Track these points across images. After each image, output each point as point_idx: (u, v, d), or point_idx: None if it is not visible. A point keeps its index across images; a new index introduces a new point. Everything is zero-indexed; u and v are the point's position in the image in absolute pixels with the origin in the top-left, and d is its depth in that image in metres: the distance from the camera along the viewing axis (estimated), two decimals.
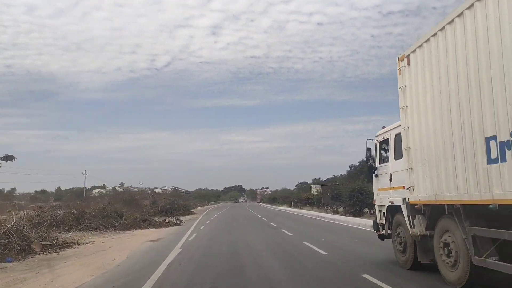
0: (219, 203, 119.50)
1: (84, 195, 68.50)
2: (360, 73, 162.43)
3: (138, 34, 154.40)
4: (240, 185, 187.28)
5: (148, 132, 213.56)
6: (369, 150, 9.74)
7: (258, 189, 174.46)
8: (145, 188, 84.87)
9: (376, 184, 9.74)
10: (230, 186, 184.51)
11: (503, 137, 4.85)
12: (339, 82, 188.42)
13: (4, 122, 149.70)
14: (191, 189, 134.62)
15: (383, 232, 9.30)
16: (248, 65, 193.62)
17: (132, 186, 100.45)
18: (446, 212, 6.40)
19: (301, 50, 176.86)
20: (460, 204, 5.91)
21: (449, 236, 6.44)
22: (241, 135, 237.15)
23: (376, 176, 9.65)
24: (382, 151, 9.51)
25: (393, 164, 8.62)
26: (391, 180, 8.70)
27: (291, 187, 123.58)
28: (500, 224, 5.34)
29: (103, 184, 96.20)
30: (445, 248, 6.50)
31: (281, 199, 79.82)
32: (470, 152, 5.50)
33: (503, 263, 5.33)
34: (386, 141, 9.17)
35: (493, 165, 5.04)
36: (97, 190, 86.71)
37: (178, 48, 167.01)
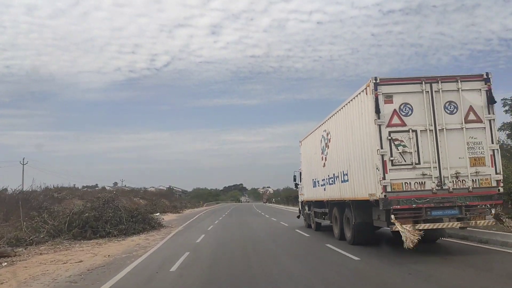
0: (217, 203, 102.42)
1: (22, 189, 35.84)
2: (360, 71, 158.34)
3: (138, 34, 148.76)
4: (241, 184, 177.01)
5: (148, 132, 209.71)
6: (295, 176, 20.89)
7: (259, 188, 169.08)
8: (140, 188, 78.11)
9: (299, 191, 20.90)
10: (230, 185, 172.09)
11: (318, 180, 15.97)
12: (340, 81, 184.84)
13: (4, 123, 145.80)
14: (190, 189, 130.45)
15: (301, 214, 20.40)
16: (248, 64, 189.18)
17: (127, 186, 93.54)
18: (309, 203, 17.59)
19: (301, 49, 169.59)
20: (311, 201, 17.04)
21: (312, 212, 17.51)
22: (242, 134, 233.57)
23: (298, 188, 20.81)
24: (301, 176, 20.55)
25: (302, 183, 19.64)
26: (301, 190, 19.76)
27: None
28: (322, 207, 16.28)
29: (96, 184, 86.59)
30: (311, 216, 17.61)
31: None
32: (310, 184, 16.64)
33: (322, 220, 16.27)
34: (300, 173, 20.18)
35: (315, 188, 16.15)
36: (85, 190, 77.25)
37: (178, 47, 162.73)
